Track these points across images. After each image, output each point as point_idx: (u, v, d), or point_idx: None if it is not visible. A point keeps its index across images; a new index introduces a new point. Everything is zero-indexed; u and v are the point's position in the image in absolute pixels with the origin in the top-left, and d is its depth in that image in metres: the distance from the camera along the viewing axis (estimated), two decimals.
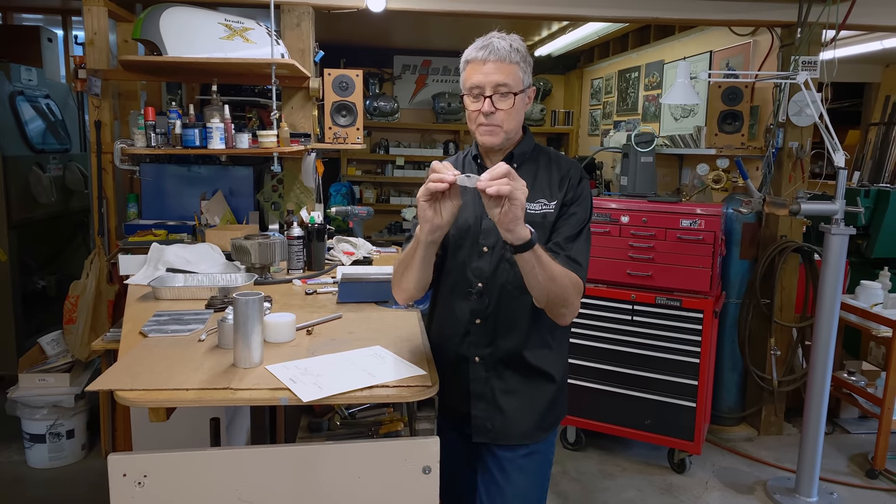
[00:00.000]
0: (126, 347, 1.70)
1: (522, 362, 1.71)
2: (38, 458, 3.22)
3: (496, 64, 1.59)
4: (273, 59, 2.90)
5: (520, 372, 1.72)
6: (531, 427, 1.73)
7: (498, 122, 1.62)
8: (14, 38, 4.70)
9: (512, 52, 1.60)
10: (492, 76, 1.59)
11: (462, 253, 1.71)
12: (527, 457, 1.74)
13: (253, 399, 1.43)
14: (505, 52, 1.59)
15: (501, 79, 1.59)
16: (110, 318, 3.20)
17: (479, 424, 1.73)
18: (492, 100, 1.60)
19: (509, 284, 1.66)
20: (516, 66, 1.60)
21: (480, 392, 1.72)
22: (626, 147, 4.21)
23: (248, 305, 1.50)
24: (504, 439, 1.73)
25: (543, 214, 1.65)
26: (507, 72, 1.59)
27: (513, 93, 1.60)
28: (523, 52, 1.63)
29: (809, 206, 2.95)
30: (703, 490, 3.25)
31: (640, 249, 3.34)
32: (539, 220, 1.64)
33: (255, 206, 3.35)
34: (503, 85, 1.59)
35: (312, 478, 1.44)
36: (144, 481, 1.38)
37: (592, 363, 3.43)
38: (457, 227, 1.71)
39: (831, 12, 3.31)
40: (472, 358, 1.72)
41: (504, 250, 1.66)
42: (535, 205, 1.65)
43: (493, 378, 1.71)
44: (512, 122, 1.64)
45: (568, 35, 5.51)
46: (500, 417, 1.72)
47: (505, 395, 1.71)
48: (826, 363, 3.03)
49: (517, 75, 1.60)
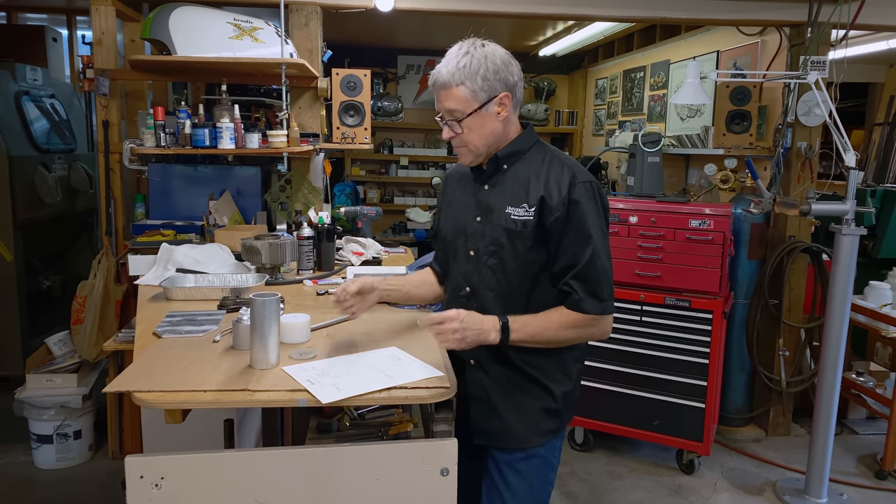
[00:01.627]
0: (140, 348, 1.69)
1: (515, 366, 1.69)
2: (45, 458, 3.21)
3: (440, 91, 1.61)
4: (283, 58, 2.89)
5: (514, 376, 1.69)
6: (528, 431, 1.70)
7: (461, 143, 1.65)
8: (19, 37, 4.68)
9: (457, 72, 1.57)
10: (441, 103, 1.62)
11: (455, 257, 1.75)
12: (525, 460, 1.72)
13: (271, 401, 1.42)
14: (447, 77, 1.58)
15: (449, 105, 1.61)
16: (118, 318, 3.19)
17: (477, 427, 1.73)
18: (449, 125, 1.63)
19: (491, 291, 1.67)
20: (461, 88, 1.57)
21: (477, 395, 1.72)
22: (632, 147, 4.20)
23: (266, 306, 1.50)
24: (502, 442, 1.72)
25: (524, 222, 1.62)
26: (452, 97, 1.59)
27: (462, 118, 1.60)
28: (474, 66, 1.56)
29: (820, 206, 2.93)
30: (712, 491, 3.24)
31: (649, 250, 3.33)
32: (519, 229, 1.62)
33: (262, 206, 3.34)
34: (450, 111, 1.61)
35: (329, 480, 1.43)
36: (161, 483, 1.37)
37: (601, 364, 3.42)
38: (451, 231, 1.75)
39: (842, 12, 3.30)
40: (468, 360, 1.72)
41: (487, 256, 1.67)
42: (518, 209, 1.63)
43: (487, 381, 1.71)
44: (475, 142, 1.64)
45: (573, 35, 5.50)
46: (497, 421, 1.71)
47: (501, 397, 1.70)
48: (836, 364, 3.02)
49: (462, 97, 1.58)
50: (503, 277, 1.66)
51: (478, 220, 1.69)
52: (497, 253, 1.65)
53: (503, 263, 1.65)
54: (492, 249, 1.66)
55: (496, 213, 1.66)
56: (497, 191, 1.68)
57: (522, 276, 1.65)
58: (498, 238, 1.65)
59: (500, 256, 1.65)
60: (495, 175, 1.69)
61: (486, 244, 1.67)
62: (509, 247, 1.64)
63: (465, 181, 1.78)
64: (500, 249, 1.65)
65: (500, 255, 1.65)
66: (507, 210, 1.64)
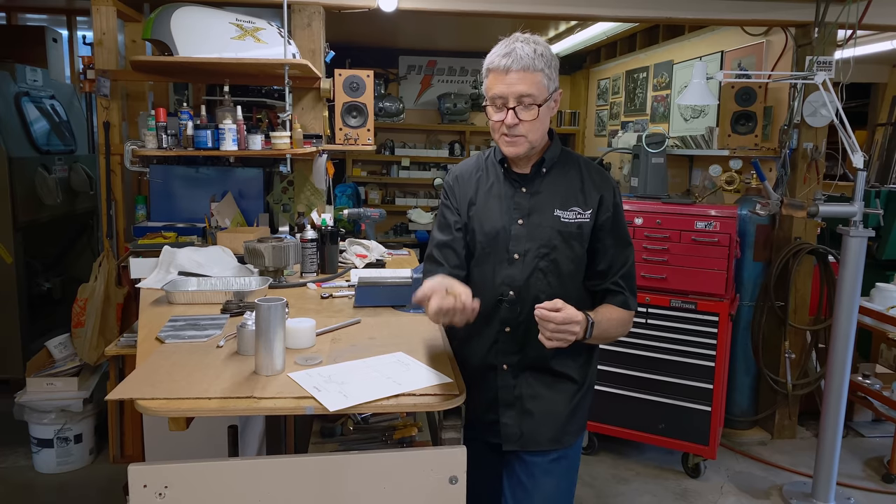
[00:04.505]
0: (143, 354, 1.67)
1: (548, 368, 1.69)
2: (45, 463, 3.18)
3: (519, 73, 1.53)
4: (285, 59, 2.86)
5: (545, 377, 1.70)
6: (559, 431, 1.71)
7: (521, 133, 1.58)
8: (19, 38, 4.66)
9: (536, 58, 1.53)
10: (515, 87, 1.53)
11: (491, 260, 1.68)
12: (555, 461, 1.72)
13: (277, 408, 1.40)
14: (528, 60, 1.52)
15: (524, 89, 1.53)
16: (119, 321, 3.16)
17: (508, 432, 1.70)
18: (515, 111, 1.55)
19: (542, 294, 1.63)
20: (540, 74, 1.54)
21: (509, 400, 1.70)
22: (636, 148, 4.17)
23: (271, 312, 1.47)
24: (534, 445, 1.70)
25: (578, 224, 1.62)
26: (530, 81, 1.53)
27: (537, 104, 1.55)
28: (548, 56, 1.56)
29: (828, 207, 2.91)
30: (718, 495, 3.21)
31: (655, 252, 3.30)
32: (574, 231, 1.62)
33: (264, 208, 3.31)
34: (527, 96, 1.54)
35: (336, 488, 1.41)
36: (165, 492, 1.35)
37: (606, 366, 3.39)
38: (485, 234, 1.68)
39: (850, 12, 3.27)
40: (501, 365, 1.69)
41: (538, 259, 1.63)
42: (568, 213, 1.62)
43: (520, 385, 1.69)
44: (536, 133, 1.59)
45: (576, 35, 5.47)
46: (530, 423, 1.69)
47: (532, 401, 1.69)
48: (844, 367, 2.99)
49: (541, 84, 1.55)
50: (555, 279, 1.63)
51: (519, 223, 1.65)
52: (549, 255, 1.63)
53: (557, 266, 1.63)
54: (544, 252, 1.63)
55: (544, 216, 1.63)
56: (540, 194, 1.66)
57: (574, 278, 1.66)
58: (550, 240, 1.62)
59: (552, 259, 1.63)
60: (535, 179, 1.67)
61: (537, 246, 1.63)
62: (564, 248, 1.62)
63: (486, 182, 1.71)
64: (553, 251, 1.62)
65: (553, 258, 1.63)
66: (555, 213, 1.63)
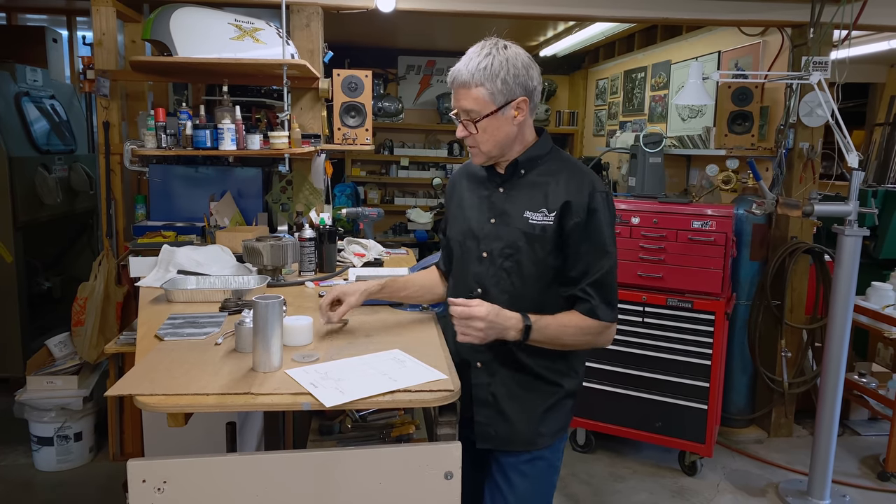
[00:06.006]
0: (142, 351, 1.68)
1: (523, 367, 1.68)
2: (45, 460, 3.20)
3: (459, 91, 1.59)
4: (284, 59, 2.88)
5: (522, 377, 1.69)
6: (533, 433, 1.70)
7: (474, 144, 1.64)
8: (19, 38, 4.68)
9: (477, 72, 1.55)
10: (459, 102, 1.60)
11: (466, 258, 1.73)
12: (530, 462, 1.71)
13: (274, 404, 1.42)
14: (467, 77, 1.56)
15: (466, 105, 1.59)
16: (119, 320, 3.18)
17: (482, 431, 1.72)
18: (464, 124, 1.62)
19: (505, 294, 1.65)
20: (481, 89, 1.56)
21: (482, 398, 1.71)
22: (634, 148, 4.20)
23: (269, 309, 1.49)
24: (507, 445, 1.71)
25: (543, 227, 1.62)
26: (470, 97, 1.57)
27: (477, 119, 1.58)
28: (495, 68, 1.54)
29: (823, 207, 2.93)
30: (714, 493, 3.23)
31: (651, 251, 3.32)
32: (538, 233, 1.62)
33: (263, 208, 3.33)
34: (466, 111, 1.59)
35: (333, 483, 1.43)
36: (164, 487, 1.36)
37: (602, 365, 3.41)
38: (461, 232, 1.74)
39: (845, 12, 3.29)
40: (474, 363, 1.71)
41: (502, 258, 1.66)
42: (536, 214, 1.62)
43: (495, 383, 1.70)
44: (488, 144, 1.62)
45: (574, 35, 5.49)
46: (503, 424, 1.70)
47: (508, 401, 1.69)
48: (839, 365, 3.01)
49: (481, 98, 1.56)
50: (518, 280, 1.65)
51: (491, 222, 1.68)
52: (513, 256, 1.64)
53: (520, 266, 1.64)
54: (508, 252, 1.65)
55: (513, 217, 1.65)
56: (514, 194, 1.67)
57: (537, 280, 1.64)
58: (515, 241, 1.64)
59: (516, 259, 1.64)
60: (512, 179, 1.68)
61: (502, 246, 1.65)
62: (527, 250, 1.63)
63: (474, 182, 1.77)
64: (517, 252, 1.64)
65: (517, 258, 1.64)
66: (524, 214, 1.63)
